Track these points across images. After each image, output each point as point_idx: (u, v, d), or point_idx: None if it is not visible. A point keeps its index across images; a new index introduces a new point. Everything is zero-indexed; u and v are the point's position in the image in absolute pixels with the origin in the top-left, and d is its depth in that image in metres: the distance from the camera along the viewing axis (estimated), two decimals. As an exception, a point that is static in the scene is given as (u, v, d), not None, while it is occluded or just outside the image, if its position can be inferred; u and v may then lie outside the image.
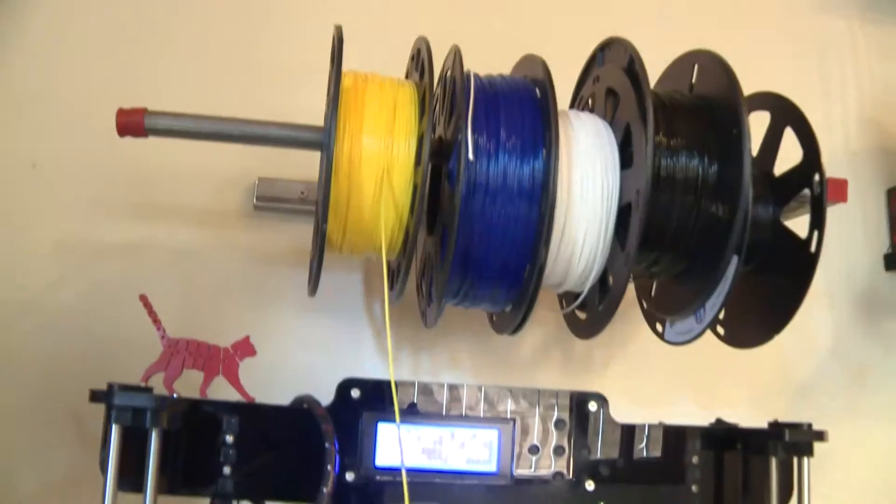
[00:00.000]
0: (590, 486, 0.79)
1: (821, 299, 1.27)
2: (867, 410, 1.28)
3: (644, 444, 0.81)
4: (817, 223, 0.80)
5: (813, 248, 0.80)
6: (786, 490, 0.82)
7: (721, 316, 0.90)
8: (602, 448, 0.80)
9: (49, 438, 1.04)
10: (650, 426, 0.82)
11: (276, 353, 1.01)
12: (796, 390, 1.27)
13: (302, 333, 1.08)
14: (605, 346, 1.18)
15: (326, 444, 0.71)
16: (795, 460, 0.80)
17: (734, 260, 0.77)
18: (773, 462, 0.79)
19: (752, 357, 1.24)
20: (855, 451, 1.16)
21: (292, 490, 0.76)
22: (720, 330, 0.93)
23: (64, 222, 1.06)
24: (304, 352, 1.07)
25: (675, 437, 0.82)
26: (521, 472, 0.78)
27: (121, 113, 0.70)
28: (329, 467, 0.71)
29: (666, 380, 1.18)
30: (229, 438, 0.73)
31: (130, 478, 0.68)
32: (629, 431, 0.81)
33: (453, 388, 0.78)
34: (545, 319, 1.15)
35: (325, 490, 0.70)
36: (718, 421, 0.86)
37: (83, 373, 0.68)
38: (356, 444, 0.75)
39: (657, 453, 0.81)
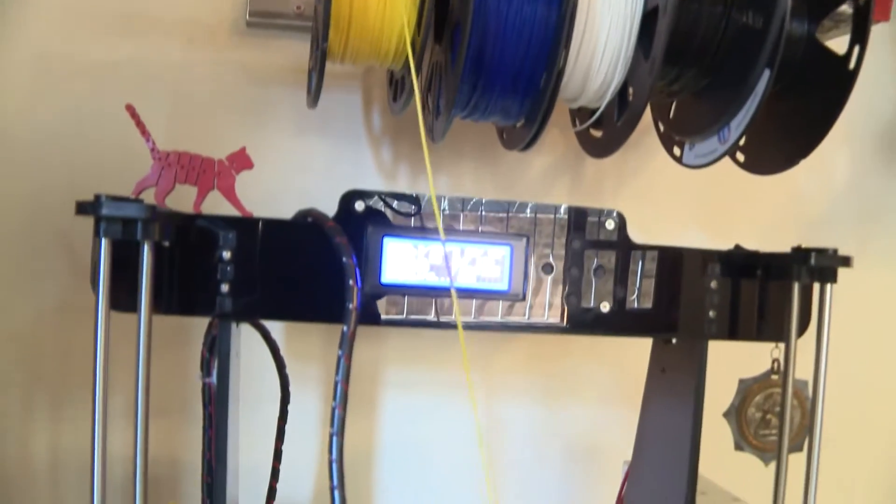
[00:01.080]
0: (605, 307, 0.76)
1: (840, 133, 1.22)
2: (879, 250, 1.26)
3: (662, 266, 0.78)
4: (859, 38, 0.75)
5: (852, 64, 0.75)
6: (804, 319, 0.80)
7: (741, 142, 0.86)
8: (619, 269, 0.76)
9: (40, 267, 1.02)
10: (670, 248, 0.78)
11: (271, 173, 0.97)
12: (808, 226, 1.26)
13: (298, 154, 1.04)
14: (616, 174, 1.15)
15: (344, 259, 0.67)
16: (817, 287, 0.77)
17: (765, 74, 0.72)
18: (796, 288, 0.76)
19: (766, 192, 1.22)
20: (864, 289, 1.14)
21: (296, 309, 0.73)
22: (739, 157, 0.89)
23: (44, 37, 1.00)
24: (301, 173, 1.04)
25: (693, 260, 0.79)
26: (534, 291, 0.75)
27: None
28: (351, 282, 0.66)
29: (676, 210, 1.15)
30: (226, 255, 0.69)
31: (123, 297, 0.64)
32: (648, 252, 0.77)
33: (465, 202, 0.73)
34: (555, 143, 1.11)
35: (350, 307, 0.66)
36: (737, 247, 0.82)
37: (70, 196, 0.64)
38: (361, 261, 0.71)
39: (675, 276, 0.78)
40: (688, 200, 1.18)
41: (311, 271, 0.71)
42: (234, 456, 0.83)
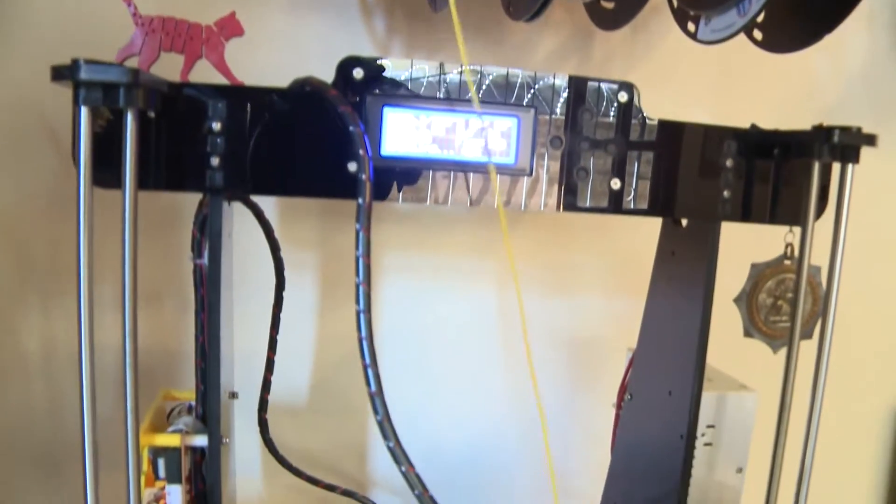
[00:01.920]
0: (616, 184, 0.72)
1: (859, 15, 1.17)
2: (890, 143, 1.23)
3: (677, 143, 0.74)
4: None
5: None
6: (822, 202, 0.76)
7: (759, 19, 0.81)
8: (631, 144, 0.72)
9: (24, 153, 0.98)
10: (686, 124, 0.74)
11: (262, 46, 0.93)
12: (819, 114, 1.21)
13: (290, 27, 0.99)
14: (625, 55, 1.10)
15: (351, 128, 0.63)
16: (838, 168, 0.73)
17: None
18: (816, 167, 0.72)
19: (778, 75, 1.18)
20: (877, 178, 1.11)
21: (291, 184, 0.69)
22: (757, 34, 0.84)
23: None
24: (293, 47, 0.99)
25: (709, 137, 0.75)
26: (542, 166, 0.71)
27: None
28: (362, 151, 0.62)
29: (687, 93, 1.11)
30: (216, 126, 0.65)
31: (107, 172, 0.60)
32: (662, 127, 0.73)
33: (471, 72, 0.69)
34: (561, 23, 1.06)
35: (363, 177, 0.62)
36: (753, 126, 0.78)
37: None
38: (360, 132, 0.67)
39: (690, 154, 0.74)
40: (699, 84, 1.14)
41: (307, 143, 0.67)
42: (229, 342, 0.81)
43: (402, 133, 0.67)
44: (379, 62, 0.67)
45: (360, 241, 0.62)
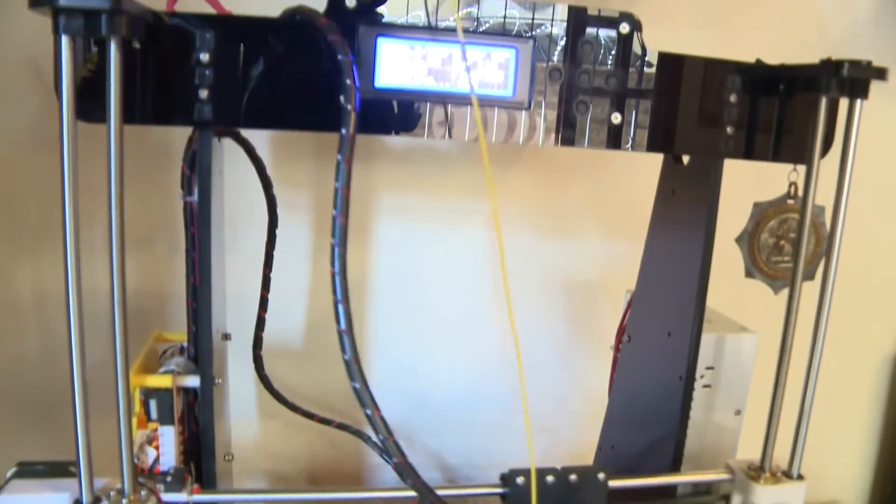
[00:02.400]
0: (616, 119, 0.70)
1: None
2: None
3: (680, 77, 0.71)
4: None
5: None
6: (828, 139, 0.75)
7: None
8: (633, 78, 0.70)
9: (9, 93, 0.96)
10: (690, 57, 0.72)
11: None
12: (822, 55, 1.19)
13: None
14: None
15: (340, 57, 0.60)
16: (845, 105, 0.71)
17: None
18: (823, 103, 0.70)
19: (782, 14, 1.15)
20: (878, 122, 1.09)
21: (282, 116, 0.67)
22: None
23: None
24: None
25: (713, 72, 0.73)
26: (540, 97, 0.68)
27: None
28: (349, 81, 0.60)
29: (688, 29, 1.08)
30: (204, 57, 0.62)
31: (92, 104, 0.58)
32: (664, 61, 0.71)
33: (466, 2, 0.66)
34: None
35: (349, 108, 0.60)
36: (758, 62, 0.76)
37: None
38: (352, 63, 0.64)
39: (693, 88, 0.72)
40: (702, 20, 1.11)
41: (299, 75, 0.64)
42: (220, 283, 0.79)
43: (397, 64, 0.65)
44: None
45: (340, 172, 0.59)
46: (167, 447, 0.74)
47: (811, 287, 0.75)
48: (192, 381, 0.73)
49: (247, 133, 0.81)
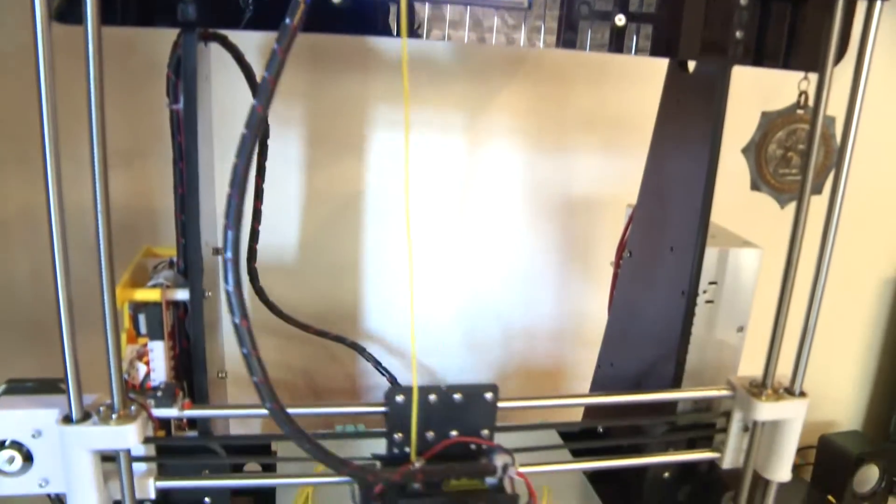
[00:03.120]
0: (620, 20, 0.66)
1: None
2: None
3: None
4: None
5: None
6: (842, 45, 0.71)
7: None
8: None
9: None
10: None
11: None
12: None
13: None
14: None
15: None
16: (863, 9, 0.67)
17: None
18: (840, 4, 0.67)
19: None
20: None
21: (270, 16, 0.62)
22: None
23: None
24: None
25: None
26: (540, -1, 0.65)
27: None
28: None
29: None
30: (186, -48, 0.59)
31: (67, 5, 0.56)
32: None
33: None
34: None
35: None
36: (771, -40, 0.72)
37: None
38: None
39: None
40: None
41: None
42: (210, 195, 0.77)
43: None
44: None
45: (273, 62, 0.54)
46: (158, 363, 0.73)
47: (816, 202, 0.73)
48: (182, 294, 0.71)
49: (235, 38, 0.78)
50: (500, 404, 0.68)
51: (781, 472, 0.77)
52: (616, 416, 0.88)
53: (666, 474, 0.84)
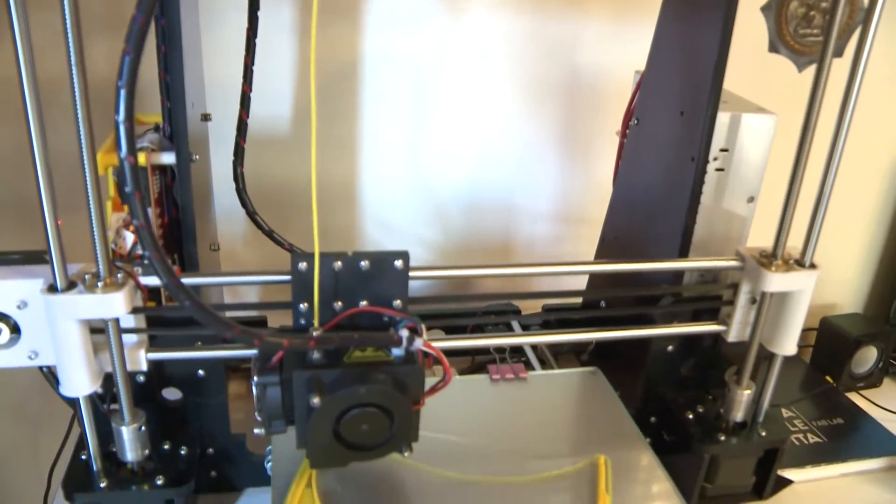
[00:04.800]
0: None
1: None
2: None
3: None
4: None
5: None
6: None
7: None
8: None
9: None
10: None
11: None
12: None
13: None
14: None
15: None
16: None
17: None
18: None
19: None
20: None
21: None
22: None
23: None
24: None
25: None
26: None
27: None
28: None
29: None
30: None
31: None
32: None
33: None
34: None
35: None
36: None
37: None
38: None
39: None
40: None
41: None
42: (195, 55, 0.73)
43: None
44: None
45: None
46: (145, 231, 0.70)
47: (837, 65, 0.68)
48: (168, 157, 0.68)
49: None
50: (411, 273, 0.64)
51: (787, 345, 0.75)
52: (621, 284, 0.86)
53: (670, 347, 0.83)
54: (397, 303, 0.63)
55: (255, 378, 0.59)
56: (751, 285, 0.74)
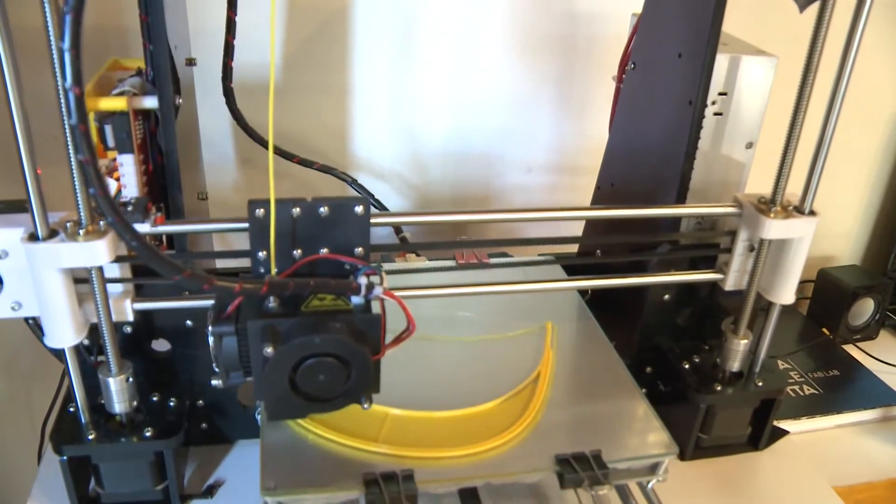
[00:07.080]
0: None
1: None
2: None
3: None
4: None
5: None
6: None
7: None
8: None
9: None
10: None
11: None
12: None
13: None
14: None
15: None
16: None
17: None
18: None
19: None
20: None
21: None
22: None
23: None
24: None
25: None
26: None
27: None
28: None
29: None
30: None
31: None
32: None
33: None
34: None
35: None
36: None
37: None
38: None
39: None
40: None
41: None
42: (180, 18, 0.71)
43: None
44: None
45: None
46: (129, 178, 0.68)
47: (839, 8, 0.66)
48: (150, 101, 0.66)
49: None
50: (372, 219, 0.61)
51: (785, 294, 0.74)
52: (617, 231, 0.85)
53: (666, 296, 0.82)
54: (359, 250, 0.61)
55: (210, 328, 0.57)
56: (749, 232, 0.72)
